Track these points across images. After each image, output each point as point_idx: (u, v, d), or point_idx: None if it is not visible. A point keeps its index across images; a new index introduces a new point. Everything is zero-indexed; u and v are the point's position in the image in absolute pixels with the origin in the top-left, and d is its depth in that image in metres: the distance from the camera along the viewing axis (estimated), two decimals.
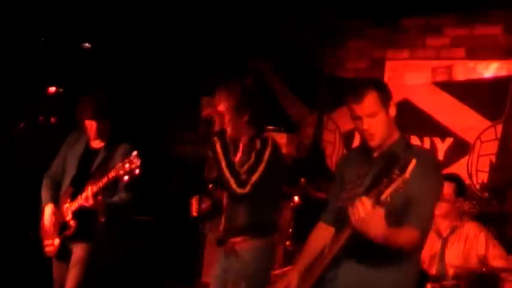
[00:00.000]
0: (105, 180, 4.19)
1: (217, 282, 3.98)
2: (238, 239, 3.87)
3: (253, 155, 3.81)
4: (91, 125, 4.50)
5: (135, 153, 4.11)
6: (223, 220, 3.92)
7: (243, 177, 3.76)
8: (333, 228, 3.32)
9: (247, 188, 3.76)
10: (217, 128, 3.86)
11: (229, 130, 3.87)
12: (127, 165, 4.09)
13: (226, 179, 3.79)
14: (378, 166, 3.13)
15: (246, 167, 3.78)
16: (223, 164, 3.80)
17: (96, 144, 4.57)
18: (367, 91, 3.08)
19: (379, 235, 2.86)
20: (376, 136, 3.12)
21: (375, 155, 3.19)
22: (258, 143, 3.84)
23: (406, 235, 2.98)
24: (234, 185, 3.77)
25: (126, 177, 4.11)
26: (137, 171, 4.08)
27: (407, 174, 2.72)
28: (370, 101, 3.08)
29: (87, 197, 4.26)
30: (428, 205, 3.08)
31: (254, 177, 3.77)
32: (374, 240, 2.87)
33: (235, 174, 3.77)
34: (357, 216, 2.81)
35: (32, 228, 4.64)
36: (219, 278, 3.97)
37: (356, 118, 3.14)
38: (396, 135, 3.19)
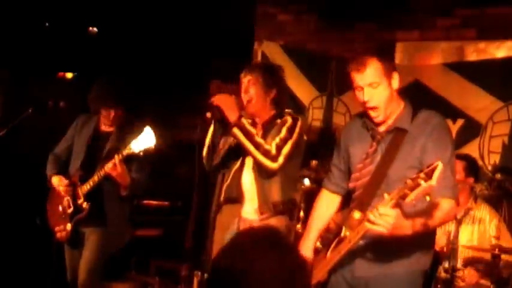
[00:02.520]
0: (119, 157, 4.17)
1: None
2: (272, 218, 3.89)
3: (284, 130, 3.84)
4: (108, 113, 4.46)
5: (148, 129, 4.10)
6: (256, 197, 3.91)
7: (273, 152, 3.77)
8: (337, 196, 3.34)
9: (281, 161, 3.78)
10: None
11: (251, 109, 3.92)
12: (142, 142, 4.09)
13: (257, 158, 3.79)
14: (385, 142, 3.10)
15: (277, 139, 3.81)
16: (249, 144, 3.78)
17: (107, 128, 4.55)
18: (370, 60, 3.04)
19: (412, 232, 2.87)
20: (378, 110, 3.08)
21: (381, 129, 3.15)
22: (288, 120, 3.90)
23: (444, 210, 2.97)
24: (266, 162, 3.77)
25: (141, 154, 4.11)
26: (152, 146, 4.07)
27: (434, 181, 2.66)
28: (372, 71, 3.03)
29: (114, 164, 4.21)
30: (452, 171, 3.06)
31: (286, 150, 3.80)
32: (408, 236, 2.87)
33: (265, 151, 3.78)
34: (386, 228, 2.78)
35: (39, 214, 4.62)
36: None
37: (357, 88, 3.09)
38: (402, 106, 3.14)
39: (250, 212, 3.94)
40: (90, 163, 4.43)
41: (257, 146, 3.78)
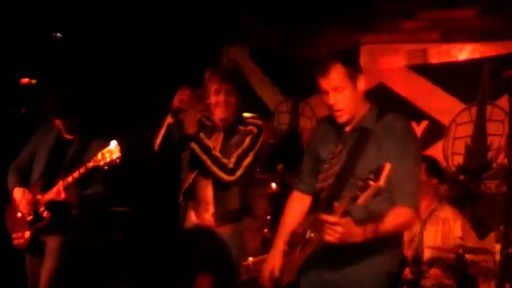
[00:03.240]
0: (82, 170, 4.14)
1: None
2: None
3: (247, 140, 3.89)
4: (58, 122, 4.45)
5: (114, 142, 4.07)
6: (212, 204, 3.93)
7: (231, 165, 3.83)
8: (309, 197, 3.34)
9: (239, 173, 3.84)
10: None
11: (222, 115, 3.94)
12: (107, 155, 4.06)
13: (213, 171, 3.85)
14: (350, 142, 3.13)
15: (240, 150, 3.86)
16: (206, 158, 3.85)
17: (69, 136, 4.51)
18: (333, 65, 3.06)
19: (363, 240, 2.88)
20: (343, 112, 3.11)
21: (347, 129, 3.18)
22: (253, 128, 3.94)
23: (399, 217, 2.98)
24: (223, 176, 3.83)
25: (105, 167, 4.08)
26: (118, 160, 4.06)
27: (381, 182, 2.69)
28: (336, 75, 3.05)
29: (58, 190, 4.21)
30: (415, 177, 3.06)
31: (246, 163, 3.85)
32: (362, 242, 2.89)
33: (221, 165, 3.84)
34: (334, 238, 2.81)
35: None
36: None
37: (323, 92, 3.11)
38: (367, 107, 3.17)
39: (206, 217, 3.96)
40: (52, 171, 4.38)
41: (214, 159, 3.86)
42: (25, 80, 5.33)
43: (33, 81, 5.82)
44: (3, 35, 6.07)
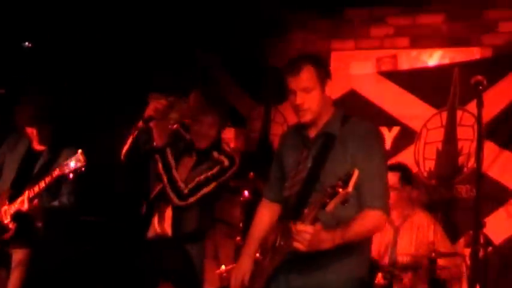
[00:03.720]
0: (48, 180, 4.10)
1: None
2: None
3: (215, 169, 3.84)
4: (31, 131, 4.40)
5: (80, 151, 4.05)
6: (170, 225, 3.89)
7: (185, 191, 3.79)
8: (277, 204, 3.34)
9: (192, 200, 3.81)
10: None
11: (198, 140, 3.92)
12: (72, 164, 4.04)
13: (167, 191, 3.82)
14: (315, 148, 3.13)
15: (202, 177, 3.81)
16: (164, 175, 3.82)
17: (39, 147, 4.47)
18: (305, 65, 3.07)
19: (332, 245, 2.88)
20: (308, 112, 3.10)
21: (311, 135, 3.18)
22: (225, 160, 3.89)
23: (369, 220, 2.99)
24: (174, 198, 3.80)
25: (71, 175, 4.05)
26: (83, 168, 4.03)
27: (350, 188, 2.70)
28: (306, 75, 3.06)
29: (22, 201, 4.18)
30: (382, 179, 3.07)
31: (203, 191, 3.82)
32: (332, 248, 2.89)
33: (175, 187, 3.80)
34: (303, 245, 2.81)
35: None
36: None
37: (291, 92, 3.11)
38: (332, 112, 3.17)
39: (168, 229, 3.92)
40: (20, 182, 4.34)
41: (171, 179, 3.82)
42: None
43: (1, 90, 5.76)
44: None
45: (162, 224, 3.90)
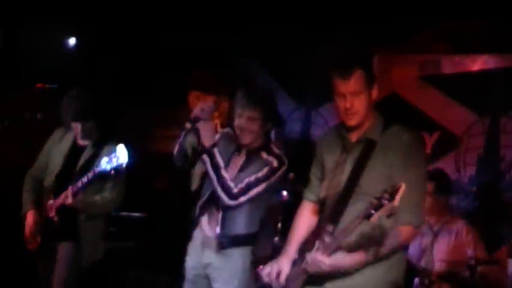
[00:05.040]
0: (90, 175, 4.17)
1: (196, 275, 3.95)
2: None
3: (264, 170, 3.78)
4: (76, 126, 4.47)
5: (121, 147, 4.09)
6: (219, 225, 3.87)
7: (235, 190, 3.74)
8: (317, 206, 3.33)
9: (242, 200, 3.76)
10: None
11: (243, 141, 3.86)
12: (114, 160, 4.08)
13: (217, 191, 3.78)
14: (354, 152, 3.13)
15: (252, 178, 3.76)
16: (213, 175, 3.78)
17: (83, 142, 4.54)
18: (355, 69, 3.04)
19: (355, 267, 2.95)
20: (356, 116, 3.09)
21: (353, 139, 3.17)
22: (274, 160, 3.82)
23: (398, 238, 2.99)
24: (224, 198, 3.75)
25: (112, 171, 4.09)
26: (124, 165, 4.07)
27: (396, 202, 2.70)
28: (356, 79, 3.04)
29: (66, 195, 4.23)
30: (419, 191, 3.05)
31: (254, 192, 3.77)
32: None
33: (225, 187, 3.75)
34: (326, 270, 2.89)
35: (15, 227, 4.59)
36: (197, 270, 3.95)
37: (339, 95, 3.09)
38: (374, 118, 3.16)
39: (211, 236, 3.90)
40: (65, 177, 4.41)
41: (220, 179, 3.76)
42: (40, 85, 5.39)
43: (47, 86, 5.87)
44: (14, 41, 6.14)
45: (210, 225, 3.89)
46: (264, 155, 3.85)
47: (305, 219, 3.39)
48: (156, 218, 5.98)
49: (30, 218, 4.44)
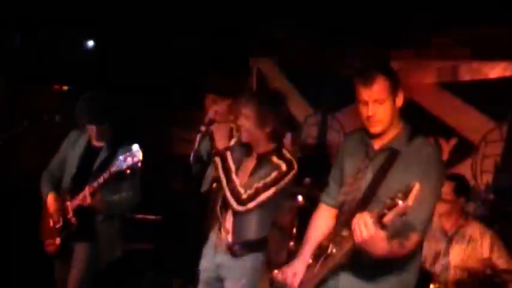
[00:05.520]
0: (106, 176, 4.18)
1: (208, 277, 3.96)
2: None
3: (273, 175, 3.74)
4: (91, 128, 4.51)
5: (136, 146, 4.10)
6: (231, 231, 3.86)
7: (244, 196, 3.72)
8: (334, 210, 3.32)
9: (251, 206, 3.74)
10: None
11: (245, 140, 3.84)
12: (129, 159, 4.09)
13: (226, 195, 3.77)
14: (377, 161, 3.11)
15: (261, 183, 3.73)
16: (224, 179, 3.78)
17: (99, 143, 4.57)
18: (378, 76, 3.02)
19: (381, 256, 2.88)
20: (379, 124, 3.07)
21: (376, 147, 3.15)
22: (283, 165, 3.77)
23: (409, 243, 2.97)
24: (233, 203, 3.75)
25: (128, 171, 4.11)
26: (139, 164, 4.08)
27: (409, 202, 2.68)
28: (379, 87, 3.02)
29: (84, 196, 4.26)
30: (429, 206, 3.03)
31: (263, 197, 3.74)
32: (375, 257, 2.88)
33: (235, 192, 3.74)
34: (360, 237, 2.79)
35: (34, 227, 4.62)
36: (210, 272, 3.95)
37: (362, 102, 3.07)
38: (399, 127, 3.14)
39: (223, 239, 3.90)
40: (81, 178, 4.44)
41: (230, 183, 3.76)
42: (58, 87, 5.43)
43: (65, 87, 5.91)
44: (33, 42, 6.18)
45: (223, 230, 3.88)
46: (275, 159, 3.81)
47: (321, 223, 3.37)
48: (173, 220, 6.00)
49: (51, 199, 4.47)
